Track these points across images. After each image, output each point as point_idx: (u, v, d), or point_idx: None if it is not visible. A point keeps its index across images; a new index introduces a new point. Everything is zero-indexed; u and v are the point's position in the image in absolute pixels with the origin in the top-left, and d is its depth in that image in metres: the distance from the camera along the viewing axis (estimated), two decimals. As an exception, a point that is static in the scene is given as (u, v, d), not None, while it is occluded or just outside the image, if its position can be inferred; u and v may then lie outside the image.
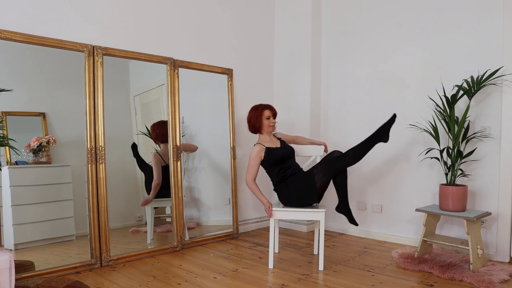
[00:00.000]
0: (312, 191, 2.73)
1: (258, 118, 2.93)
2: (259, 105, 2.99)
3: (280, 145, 2.95)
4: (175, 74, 3.27)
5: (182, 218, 3.24)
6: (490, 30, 2.94)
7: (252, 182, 2.81)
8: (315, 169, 2.76)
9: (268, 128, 2.94)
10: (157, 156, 3.21)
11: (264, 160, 2.85)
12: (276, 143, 2.96)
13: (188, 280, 2.52)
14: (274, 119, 2.96)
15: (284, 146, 2.95)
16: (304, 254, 3.10)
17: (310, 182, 2.72)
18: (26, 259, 2.50)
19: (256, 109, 2.96)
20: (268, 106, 2.97)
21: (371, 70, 3.62)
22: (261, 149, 2.83)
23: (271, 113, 2.95)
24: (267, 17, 4.15)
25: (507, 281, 2.44)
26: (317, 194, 2.75)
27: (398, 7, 3.44)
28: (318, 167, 2.76)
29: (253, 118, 2.96)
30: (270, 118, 2.94)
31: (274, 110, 2.98)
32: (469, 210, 2.83)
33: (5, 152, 2.55)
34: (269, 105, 2.99)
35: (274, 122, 2.96)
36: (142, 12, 3.16)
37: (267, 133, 2.97)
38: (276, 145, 2.93)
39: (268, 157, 2.83)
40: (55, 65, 2.74)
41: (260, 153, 2.83)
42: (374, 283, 2.46)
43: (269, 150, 2.84)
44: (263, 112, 2.93)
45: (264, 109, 2.94)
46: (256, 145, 2.87)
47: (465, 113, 2.80)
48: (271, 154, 2.83)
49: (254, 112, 2.96)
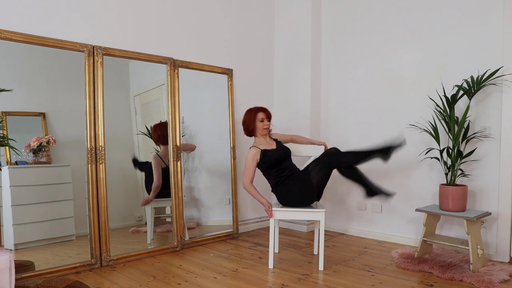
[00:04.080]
0: (310, 188, 2.73)
1: (252, 121, 2.93)
2: (253, 108, 2.99)
3: (276, 146, 2.95)
4: (175, 74, 3.27)
5: (182, 218, 3.24)
6: (490, 30, 2.94)
7: (250, 184, 2.81)
8: (310, 166, 2.77)
9: (263, 130, 2.93)
10: (157, 158, 3.21)
11: (260, 163, 2.85)
12: (271, 144, 2.96)
13: (188, 280, 2.52)
14: (268, 121, 2.95)
15: (280, 148, 2.94)
16: (304, 254, 3.10)
17: (306, 180, 2.72)
18: (26, 259, 2.50)
19: (250, 112, 2.96)
20: (262, 108, 2.96)
21: (371, 70, 3.62)
22: (257, 152, 2.83)
23: (265, 115, 2.93)
24: (267, 17, 4.15)
25: (507, 281, 2.45)
26: (315, 192, 2.75)
27: (398, 7, 3.44)
28: (313, 163, 2.77)
29: (247, 121, 2.96)
30: (264, 120, 2.92)
31: (268, 113, 2.96)
32: (469, 210, 2.83)
33: (5, 152, 2.55)
34: (263, 107, 2.98)
35: (269, 125, 2.95)
36: (142, 12, 3.16)
37: (262, 136, 2.96)
38: (271, 147, 2.92)
39: (264, 159, 2.83)
40: (55, 65, 2.74)
41: (256, 156, 2.83)
42: (374, 283, 2.46)
43: (265, 152, 2.83)
44: (256, 114, 2.92)
45: (258, 111, 2.93)
46: (251, 148, 2.87)
47: (465, 113, 2.80)
48: (266, 156, 2.82)
49: (248, 115, 2.96)
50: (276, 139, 3.04)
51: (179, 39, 3.39)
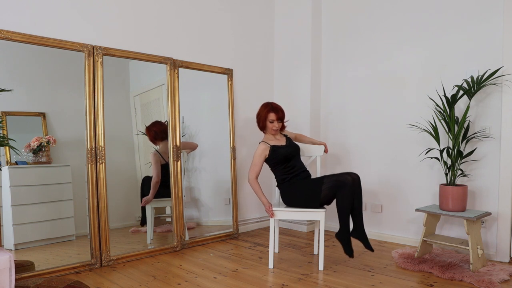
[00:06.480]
0: (316, 197, 2.70)
1: (262, 119, 2.93)
2: (268, 104, 2.94)
3: (285, 142, 2.94)
4: (175, 74, 3.27)
5: (182, 218, 3.24)
6: (490, 30, 2.93)
7: (254, 180, 2.81)
8: (326, 178, 2.70)
9: (271, 130, 2.91)
10: (156, 155, 3.21)
11: (269, 158, 2.85)
12: (281, 140, 2.95)
13: (188, 280, 2.52)
14: (280, 122, 2.91)
15: (290, 144, 2.93)
16: (304, 254, 3.10)
17: (317, 188, 2.69)
18: (26, 259, 2.50)
19: (264, 109, 2.93)
20: (275, 109, 2.90)
21: (371, 70, 3.62)
22: (266, 148, 2.83)
23: (276, 117, 2.88)
24: (267, 17, 4.15)
25: (507, 281, 2.44)
26: (319, 202, 2.72)
27: (398, 7, 3.44)
28: (329, 177, 2.69)
29: (259, 116, 2.95)
30: (274, 122, 2.89)
31: (280, 114, 2.90)
32: (469, 210, 2.83)
33: (5, 152, 2.55)
34: (277, 108, 2.91)
35: (278, 127, 2.90)
36: (142, 12, 3.16)
37: (271, 134, 2.96)
38: (281, 143, 2.91)
39: (273, 155, 2.83)
40: (55, 65, 2.74)
41: (265, 152, 2.83)
42: (374, 283, 2.46)
43: (274, 148, 2.83)
44: (268, 114, 2.89)
45: (270, 111, 2.89)
46: (261, 143, 2.87)
47: (465, 113, 2.80)
48: (276, 152, 2.82)
49: (262, 110, 2.94)
50: (286, 135, 3.03)
51: (179, 39, 3.39)
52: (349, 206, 2.62)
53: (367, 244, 2.64)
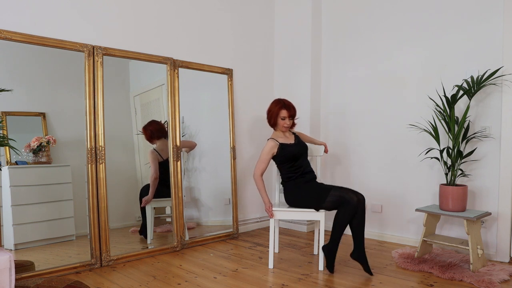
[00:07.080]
0: (319, 203, 2.68)
1: (273, 116, 2.89)
2: (280, 101, 2.90)
3: (294, 141, 2.92)
4: (175, 74, 3.27)
5: (182, 218, 3.24)
6: (490, 30, 2.93)
7: (259, 177, 2.80)
8: (332, 190, 2.66)
9: (282, 128, 2.89)
10: (154, 153, 3.22)
11: (277, 156, 2.83)
12: (290, 138, 2.93)
13: (188, 280, 2.52)
14: (291, 119, 2.89)
15: (298, 142, 2.92)
16: (304, 254, 3.10)
17: (321, 198, 2.67)
18: (26, 259, 2.50)
19: (276, 105, 2.89)
20: (287, 106, 2.87)
21: (371, 70, 3.62)
22: (275, 145, 2.81)
23: (288, 114, 2.85)
24: (267, 17, 4.15)
25: (507, 281, 2.45)
26: (321, 208, 2.70)
27: (398, 7, 3.44)
28: (336, 190, 2.66)
29: (270, 113, 2.91)
30: (286, 119, 2.86)
31: (292, 111, 2.88)
32: (469, 210, 2.83)
33: (5, 152, 2.55)
34: (289, 105, 2.88)
35: (289, 124, 2.89)
36: (142, 12, 3.16)
37: (282, 131, 2.94)
38: (290, 141, 2.90)
39: (281, 153, 2.81)
40: (55, 65, 2.74)
41: (273, 149, 2.81)
42: (374, 283, 2.46)
43: (283, 146, 2.82)
44: (280, 111, 2.86)
45: (282, 108, 2.86)
46: (269, 140, 2.85)
47: (465, 113, 2.80)
48: (284, 150, 2.81)
49: (274, 107, 2.90)
50: (295, 133, 3.02)
51: (179, 39, 3.39)
52: (346, 223, 2.59)
53: (366, 268, 2.58)
